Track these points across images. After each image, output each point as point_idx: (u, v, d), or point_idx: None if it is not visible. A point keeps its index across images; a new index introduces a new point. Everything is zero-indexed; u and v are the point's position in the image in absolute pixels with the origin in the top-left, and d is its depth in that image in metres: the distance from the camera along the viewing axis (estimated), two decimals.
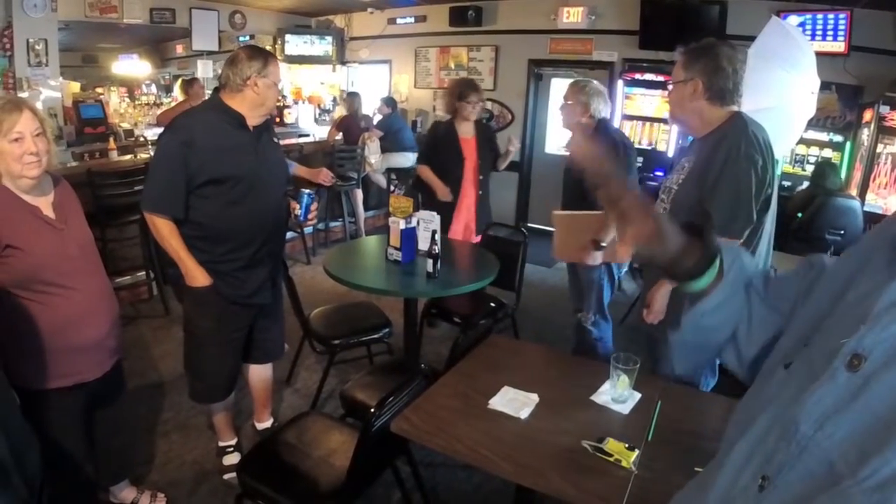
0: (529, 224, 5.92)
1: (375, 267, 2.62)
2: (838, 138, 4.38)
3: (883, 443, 0.45)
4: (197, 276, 1.97)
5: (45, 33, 4.95)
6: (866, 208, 3.78)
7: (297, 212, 2.19)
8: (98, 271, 1.75)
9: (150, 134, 5.55)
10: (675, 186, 1.89)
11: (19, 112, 1.50)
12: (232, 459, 2.24)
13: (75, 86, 6.64)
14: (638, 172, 3.59)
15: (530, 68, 6.00)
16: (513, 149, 3.44)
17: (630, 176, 2.57)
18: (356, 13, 7.29)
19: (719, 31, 4.54)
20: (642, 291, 2.12)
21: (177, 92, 6.52)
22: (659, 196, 1.97)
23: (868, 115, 4.07)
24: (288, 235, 3.03)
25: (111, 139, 4.70)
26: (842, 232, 3.65)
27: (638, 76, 5.17)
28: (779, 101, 2.57)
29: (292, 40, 7.31)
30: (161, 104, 7.68)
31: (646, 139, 5.13)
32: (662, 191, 1.96)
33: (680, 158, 1.98)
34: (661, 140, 5.09)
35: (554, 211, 2.56)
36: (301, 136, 6.45)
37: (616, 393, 1.58)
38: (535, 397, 1.57)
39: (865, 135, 4.09)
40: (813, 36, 4.23)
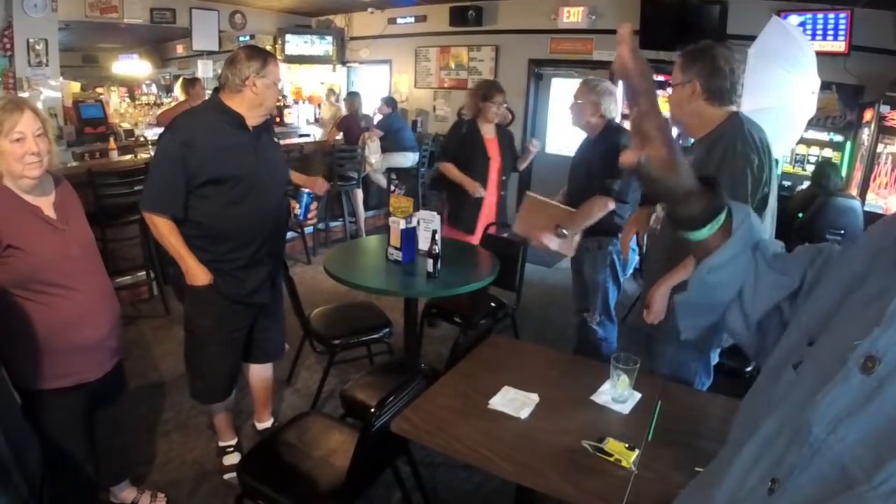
0: None
1: (375, 267, 2.62)
2: (839, 138, 4.38)
3: None
4: (197, 274, 1.98)
5: (46, 33, 4.96)
6: (867, 208, 3.78)
7: (297, 211, 2.19)
8: (99, 271, 1.75)
9: (151, 134, 5.55)
10: None
11: (21, 112, 1.50)
12: (232, 459, 2.25)
13: (75, 86, 6.65)
14: None
15: (530, 68, 6.01)
16: (533, 149, 3.49)
17: (633, 184, 2.52)
18: (356, 13, 7.29)
19: (720, 31, 4.54)
20: (642, 291, 2.12)
21: (178, 91, 6.51)
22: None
23: (868, 115, 4.07)
24: (288, 235, 3.04)
25: (111, 139, 4.70)
26: (842, 232, 3.65)
27: None
28: (779, 101, 2.58)
29: (292, 40, 7.31)
30: (161, 104, 7.68)
31: None
32: None
33: None
34: None
35: (528, 192, 2.69)
36: (301, 136, 6.45)
37: (616, 393, 1.58)
38: (535, 397, 1.57)
39: (866, 134, 4.09)
40: (813, 36, 4.22)
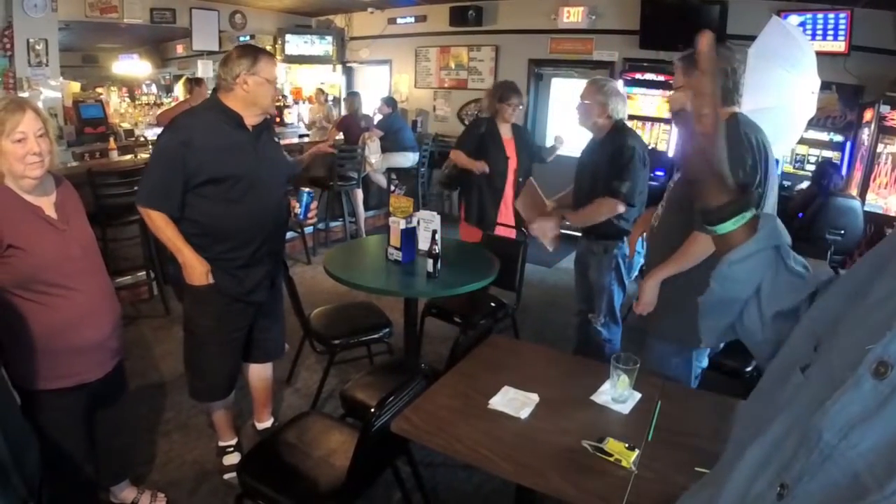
0: None
1: (376, 267, 2.62)
2: (839, 138, 4.37)
3: None
4: (195, 265, 1.97)
5: (46, 33, 4.96)
6: (867, 208, 3.78)
7: (297, 211, 2.19)
8: (100, 271, 1.75)
9: (151, 134, 5.55)
10: (672, 185, 1.91)
11: (22, 112, 1.50)
12: (232, 459, 2.25)
13: (75, 86, 6.65)
14: None
15: (530, 68, 6.01)
16: (559, 144, 3.66)
17: (639, 187, 2.51)
18: (356, 13, 7.29)
19: (720, 31, 4.53)
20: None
21: (179, 90, 6.51)
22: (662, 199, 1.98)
23: (868, 115, 4.06)
24: (288, 235, 3.03)
25: (111, 139, 4.71)
26: (842, 232, 3.65)
27: (638, 76, 5.17)
28: (779, 101, 2.57)
29: (292, 40, 7.31)
30: (161, 104, 7.67)
31: (646, 139, 5.13)
32: (666, 191, 1.97)
33: None
34: (662, 140, 5.09)
35: (531, 179, 2.98)
36: (301, 136, 6.45)
37: (616, 393, 1.58)
38: (535, 397, 1.57)
39: (866, 134, 4.09)
40: (813, 35, 4.22)
